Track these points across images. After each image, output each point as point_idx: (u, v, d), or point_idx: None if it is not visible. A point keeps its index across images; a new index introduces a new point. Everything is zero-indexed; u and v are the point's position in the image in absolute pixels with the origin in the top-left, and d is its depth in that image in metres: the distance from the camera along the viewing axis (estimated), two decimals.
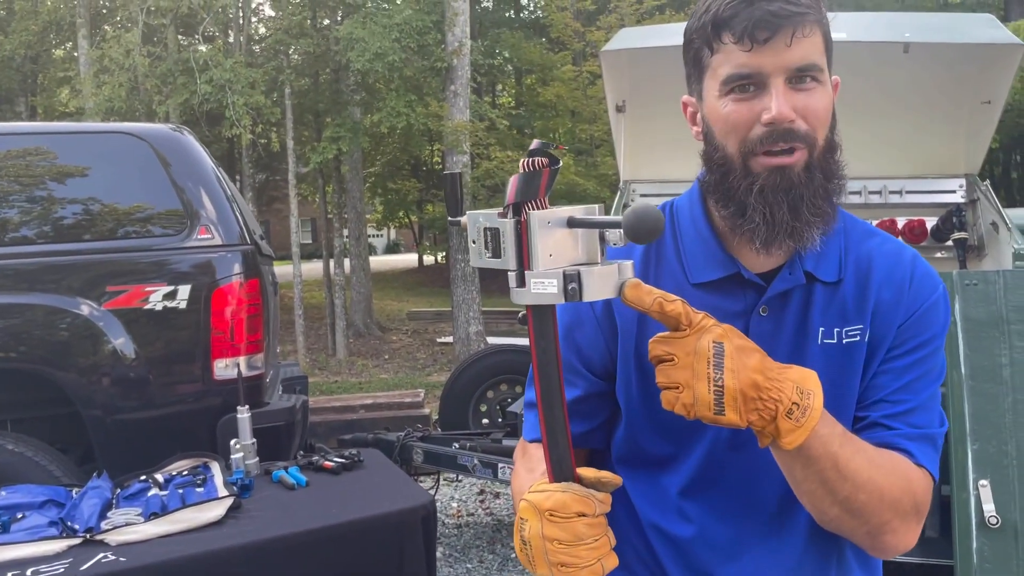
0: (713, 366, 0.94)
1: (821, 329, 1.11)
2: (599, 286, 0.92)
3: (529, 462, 1.18)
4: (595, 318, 1.19)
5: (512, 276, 0.93)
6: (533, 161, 0.91)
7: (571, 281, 0.90)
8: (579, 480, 0.98)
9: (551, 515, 0.95)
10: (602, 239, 0.95)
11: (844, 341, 1.11)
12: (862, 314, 1.11)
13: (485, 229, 0.95)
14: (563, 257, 0.92)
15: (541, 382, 0.96)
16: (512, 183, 0.92)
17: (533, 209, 0.91)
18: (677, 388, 0.96)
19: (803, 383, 0.97)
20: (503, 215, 0.93)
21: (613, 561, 0.97)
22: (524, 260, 0.92)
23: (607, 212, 0.96)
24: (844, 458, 1.00)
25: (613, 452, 1.25)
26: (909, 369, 1.11)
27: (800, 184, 1.04)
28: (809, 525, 1.14)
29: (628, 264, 0.95)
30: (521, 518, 0.97)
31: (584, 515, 0.95)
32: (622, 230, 0.88)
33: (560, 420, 0.97)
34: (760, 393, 0.95)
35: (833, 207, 1.08)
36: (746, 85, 1.04)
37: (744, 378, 0.94)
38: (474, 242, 0.97)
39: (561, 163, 0.95)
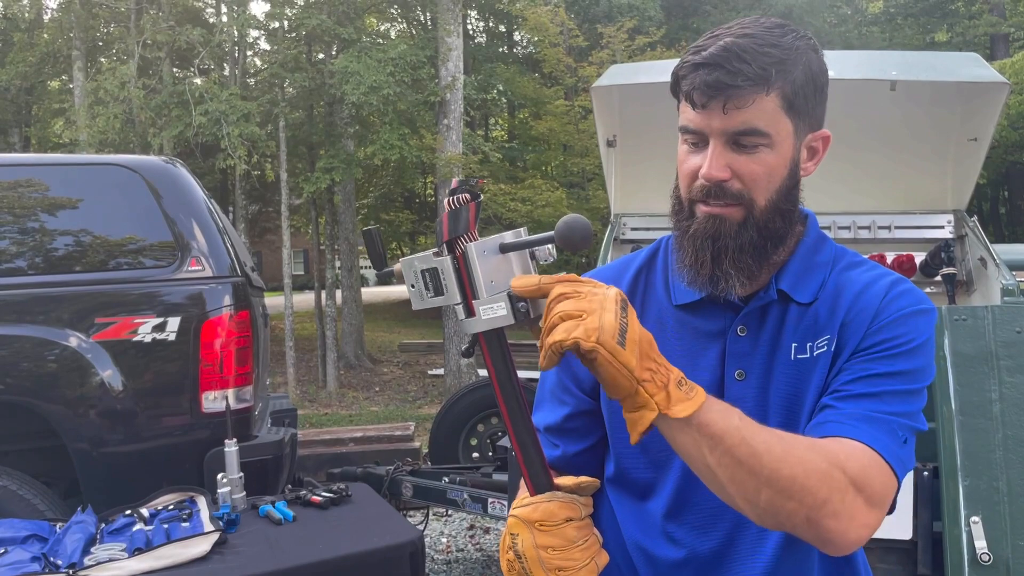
0: (620, 308, 0.92)
1: (794, 345, 1.13)
2: (541, 300, 0.97)
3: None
4: None
5: (459, 309, 0.98)
6: (457, 199, 0.97)
7: (519, 300, 0.94)
8: (558, 489, 1.04)
9: (541, 525, 1.01)
10: (532, 257, 1.00)
11: (815, 353, 1.12)
12: (831, 325, 1.12)
13: (422, 271, 0.99)
14: (503, 282, 0.97)
15: (506, 403, 1.00)
16: (443, 223, 0.97)
17: (468, 242, 0.96)
18: (580, 316, 0.91)
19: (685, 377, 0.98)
20: (438, 254, 0.97)
21: (605, 558, 1.03)
22: (467, 291, 0.96)
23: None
24: (750, 431, 0.96)
25: (605, 474, 1.26)
26: (869, 365, 1.07)
27: (728, 236, 1.08)
28: (783, 536, 1.12)
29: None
30: (512, 533, 1.01)
31: (571, 519, 1.01)
32: (554, 243, 0.94)
33: (531, 434, 1.02)
34: (655, 356, 0.94)
35: (761, 265, 1.11)
36: (694, 138, 1.10)
37: (645, 335, 0.94)
38: (412, 286, 1.01)
39: (483, 196, 1.01)
